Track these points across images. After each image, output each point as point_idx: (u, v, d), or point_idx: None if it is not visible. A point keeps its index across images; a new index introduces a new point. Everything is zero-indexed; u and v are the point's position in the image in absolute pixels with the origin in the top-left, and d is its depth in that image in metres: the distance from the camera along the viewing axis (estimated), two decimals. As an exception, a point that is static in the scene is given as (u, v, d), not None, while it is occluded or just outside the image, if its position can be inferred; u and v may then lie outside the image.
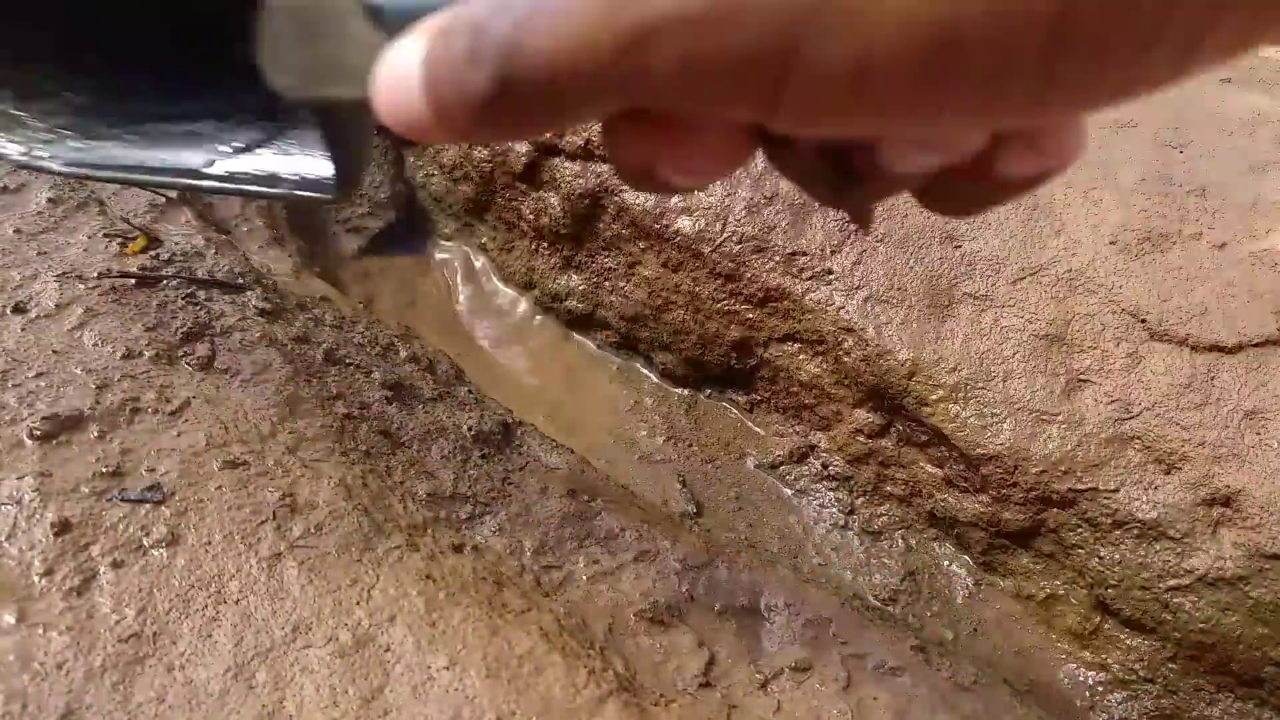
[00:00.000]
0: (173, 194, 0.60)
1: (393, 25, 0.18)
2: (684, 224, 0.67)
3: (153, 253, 0.52)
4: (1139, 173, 0.68)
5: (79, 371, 0.43)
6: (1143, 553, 0.58)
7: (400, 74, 0.16)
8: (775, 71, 0.12)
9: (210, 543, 0.38)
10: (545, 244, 0.75)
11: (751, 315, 0.66)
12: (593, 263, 0.73)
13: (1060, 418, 0.57)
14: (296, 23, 0.20)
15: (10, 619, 0.33)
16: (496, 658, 0.36)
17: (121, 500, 0.38)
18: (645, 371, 0.74)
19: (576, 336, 0.76)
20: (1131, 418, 0.57)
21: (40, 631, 0.33)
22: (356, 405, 0.48)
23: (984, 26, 0.12)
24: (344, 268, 0.78)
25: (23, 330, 0.44)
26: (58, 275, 0.48)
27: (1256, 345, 0.59)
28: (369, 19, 0.18)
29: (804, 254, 0.65)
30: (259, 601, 0.36)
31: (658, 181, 0.15)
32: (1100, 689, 0.61)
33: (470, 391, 0.59)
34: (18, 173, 0.55)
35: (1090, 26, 0.12)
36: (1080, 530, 0.59)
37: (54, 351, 0.44)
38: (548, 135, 0.74)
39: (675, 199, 0.70)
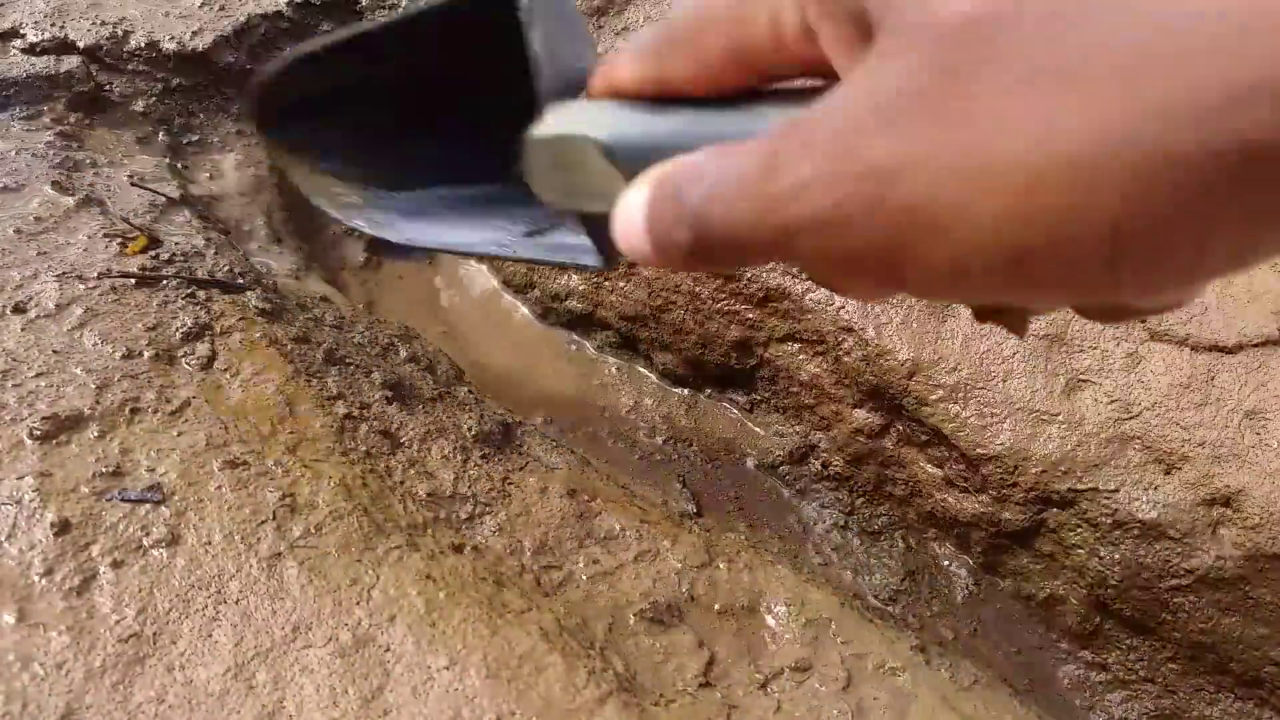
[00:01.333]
0: (174, 194, 0.60)
1: (620, 162, 0.26)
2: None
3: (153, 253, 0.52)
4: (1139, 173, 0.68)
5: (79, 371, 0.43)
6: (1143, 553, 0.58)
7: (630, 222, 0.22)
8: (890, 263, 0.16)
9: (210, 543, 0.38)
10: (545, 244, 0.75)
11: (751, 315, 0.66)
12: (593, 263, 0.73)
13: (1060, 418, 0.58)
14: (551, 156, 0.28)
15: (10, 619, 0.33)
16: (496, 658, 0.36)
17: (121, 500, 0.38)
18: (645, 372, 0.73)
19: (576, 337, 0.76)
20: (1131, 418, 0.57)
21: (40, 631, 0.33)
22: (356, 405, 0.48)
23: (1048, 249, 0.15)
24: (343, 268, 0.78)
25: (23, 330, 0.44)
26: (58, 275, 0.48)
27: (1256, 345, 0.59)
28: (604, 156, 0.26)
29: (804, 254, 0.65)
30: (259, 601, 0.36)
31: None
32: (1100, 689, 0.61)
33: (470, 391, 0.59)
34: (18, 172, 0.55)
35: (1140, 246, 0.14)
36: (1080, 530, 0.60)
37: (54, 351, 0.44)
38: (548, 135, 0.74)
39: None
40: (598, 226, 0.26)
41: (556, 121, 0.31)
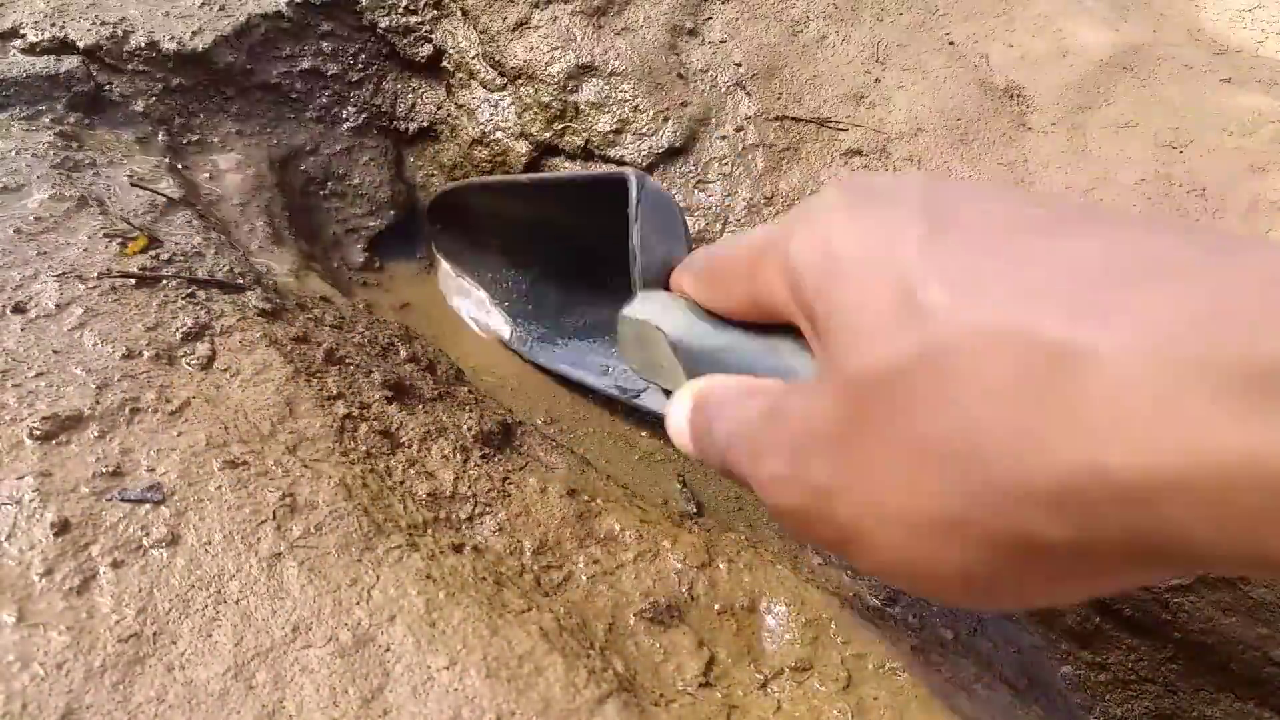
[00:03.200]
0: (174, 194, 0.60)
1: (681, 355, 0.32)
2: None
3: (153, 253, 0.52)
4: (1139, 173, 0.68)
5: (79, 371, 0.43)
6: (1143, 553, 0.58)
7: (680, 432, 0.29)
8: (838, 551, 0.22)
9: (210, 543, 0.38)
10: (545, 244, 0.75)
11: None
12: (593, 263, 0.73)
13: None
14: (634, 333, 0.35)
15: (10, 619, 0.33)
16: (496, 658, 0.36)
17: (121, 500, 0.38)
18: (645, 371, 0.73)
19: (576, 336, 0.76)
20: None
21: (40, 631, 0.33)
22: (356, 405, 0.48)
23: (924, 578, 0.19)
24: (344, 268, 0.78)
25: (23, 330, 0.44)
26: (58, 275, 0.48)
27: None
28: (669, 346, 0.32)
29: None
30: (259, 601, 0.36)
31: None
32: (1100, 689, 0.61)
33: (470, 391, 0.59)
34: (18, 172, 0.55)
35: (980, 584, 0.19)
36: (1080, 530, 0.59)
37: (54, 351, 0.44)
38: (547, 135, 0.74)
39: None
40: (669, 392, 0.33)
41: (642, 307, 0.38)
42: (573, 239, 0.65)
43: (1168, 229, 0.16)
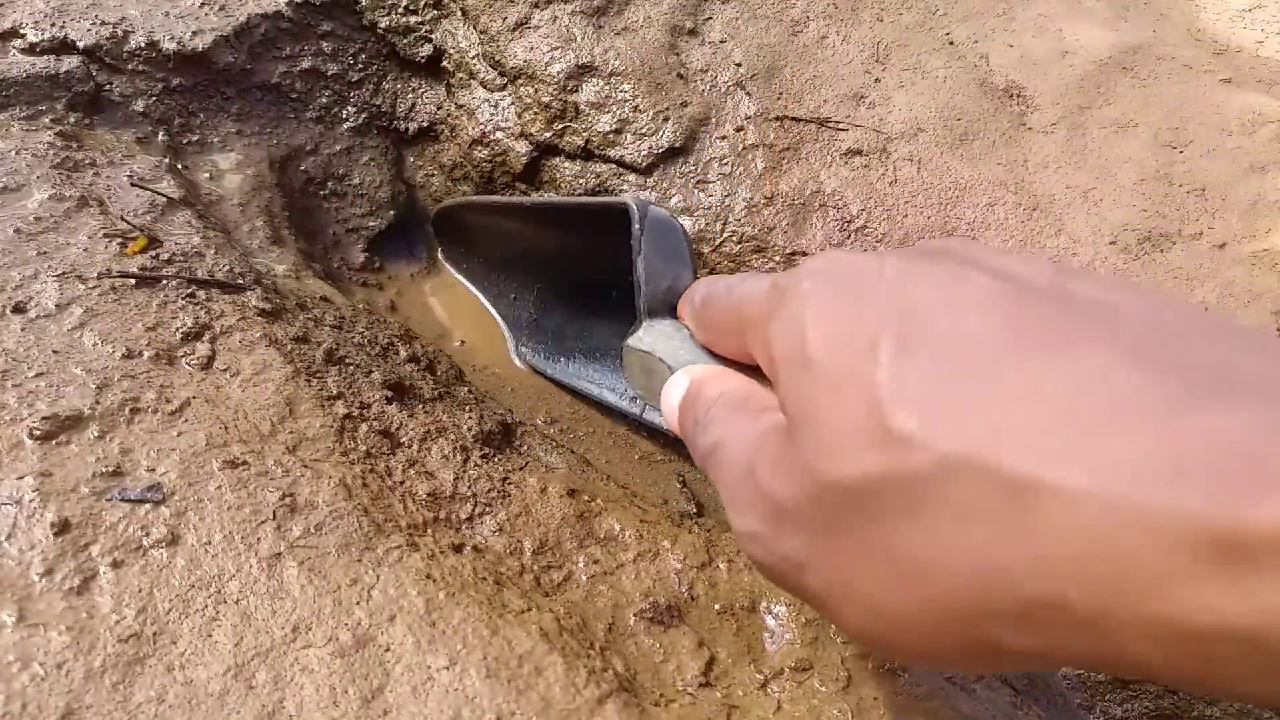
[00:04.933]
0: (174, 194, 0.60)
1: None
2: (684, 224, 0.67)
3: (153, 253, 0.52)
4: (1139, 173, 0.68)
5: (79, 371, 0.43)
6: (1143, 553, 0.58)
7: (669, 405, 0.31)
8: (814, 607, 0.24)
9: (210, 543, 0.38)
10: (545, 244, 0.75)
11: (751, 315, 0.66)
12: (593, 263, 0.73)
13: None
14: (639, 363, 0.37)
15: (10, 619, 0.33)
16: (496, 658, 0.36)
17: (121, 500, 0.38)
18: (645, 371, 0.73)
19: (576, 336, 0.76)
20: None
21: (40, 631, 0.33)
22: (356, 405, 0.48)
23: (885, 647, 0.22)
24: (344, 268, 0.78)
25: (23, 330, 0.44)
26: (58, 275, 0.48)
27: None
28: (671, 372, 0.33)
29: (804, 254, 0.65)
30: (259, 601, 0.36)
31: None
32: (1100, 689, 0.61)
33: (470, 391, 0.59)
34: (18, 172, 0.55)
35: (942, 659, 0.21)
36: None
37: (54, 351, 0.44)
38: (547, 134, 0.74)
39: (674, 199, 0.70)
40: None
41: (647, 337, 0.37)
42: (575, 260, 0.65)
43: (1147, 356, 0.16)
